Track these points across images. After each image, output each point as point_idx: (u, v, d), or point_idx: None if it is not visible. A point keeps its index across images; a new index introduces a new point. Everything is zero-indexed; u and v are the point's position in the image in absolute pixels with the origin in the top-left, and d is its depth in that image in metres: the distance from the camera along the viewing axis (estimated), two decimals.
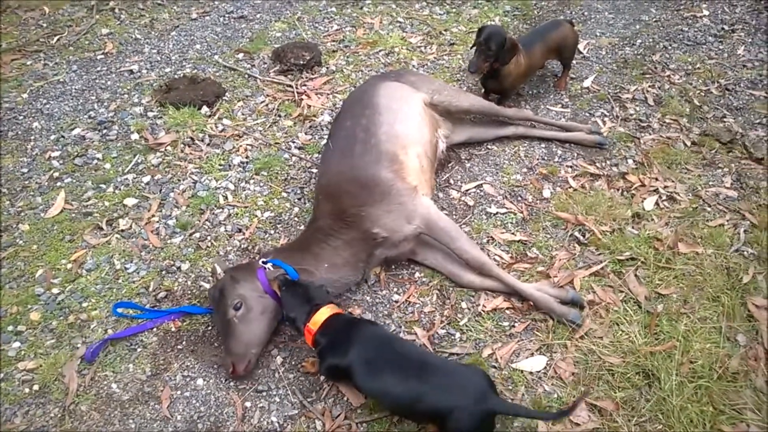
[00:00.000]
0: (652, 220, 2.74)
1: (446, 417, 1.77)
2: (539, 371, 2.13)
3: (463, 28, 4.26)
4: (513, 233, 2.70)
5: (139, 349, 2.22)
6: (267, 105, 3.50)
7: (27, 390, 2.08)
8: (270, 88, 3.64)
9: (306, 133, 3.30)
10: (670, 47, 4.08)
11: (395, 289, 2.47)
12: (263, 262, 2.18)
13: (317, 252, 2.31)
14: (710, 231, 2.68)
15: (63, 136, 3.19)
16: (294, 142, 3.23)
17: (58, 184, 2.91)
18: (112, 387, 2.10)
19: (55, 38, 4.07)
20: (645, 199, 2.87)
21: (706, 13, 4.49)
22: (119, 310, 2.32)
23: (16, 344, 2.22)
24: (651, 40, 4.17)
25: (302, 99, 3.52)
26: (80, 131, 3.23)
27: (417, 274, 2.53)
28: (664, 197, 2.88)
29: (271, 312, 2.15)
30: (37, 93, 3.53)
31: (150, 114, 3.36)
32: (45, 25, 4.22)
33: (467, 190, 2.94)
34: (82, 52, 3.95)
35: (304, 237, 2.43)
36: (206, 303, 2.36)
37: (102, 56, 3.92)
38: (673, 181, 2.96)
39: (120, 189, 2.90)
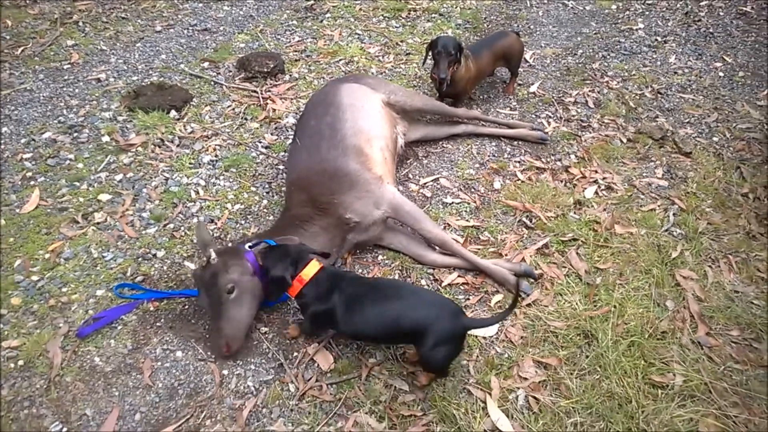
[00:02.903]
0: (592, 206, 3.02)
1: (425, 330, 1.96)
2: (492, 336, 2.34)
3: (418, 40, 4.54)
4: (467, 220, 2.93)
5: (119, 327, 2.33)
6: (234, 109, 3.67)
7: (12, 365, 2.17)
8: (236, 93, 3.81)
9: (272, 134, 3.48)
10: (608, 56, 4.45)
11: (360, 271, 2.65)
12: (249, 246, 2.30)
13: (295, 236, 2.46)
14: (643, 215, 2.97)
15: (34, 140, 3.28)
16: (261, 142, 3.41)
17: (32, 183, 3.00)
18: (95, 360, 2.21)
19: (20, 49, 4.14)
20: (586, 188, 3.15)
21: (641, 26, 4.92)
22: (119, 290, 2.44)
23: None
24: (591, 50, 4.54)
25: (267, 103, 3.71)
26: (51, 135, 3.32)
27: (380, 257, 2.73)
28: (602, 187, 3.16)
29: (258, 293, 2.28)
30: (4, 100, 3.60)
31: (119, 118, 3.48)
32: (8, 37, 4.29)
33: (425, 184, 3.16)
34: (48, 62, 4.04)
35: (281, 224, 2.57)
36: (182, 286, 2.50)
37: (68, 66, 4.02)
38: (610, 173, 3.26)
39: (94, 186, 3.01)
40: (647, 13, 5.15)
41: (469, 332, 2.13)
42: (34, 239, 2.69)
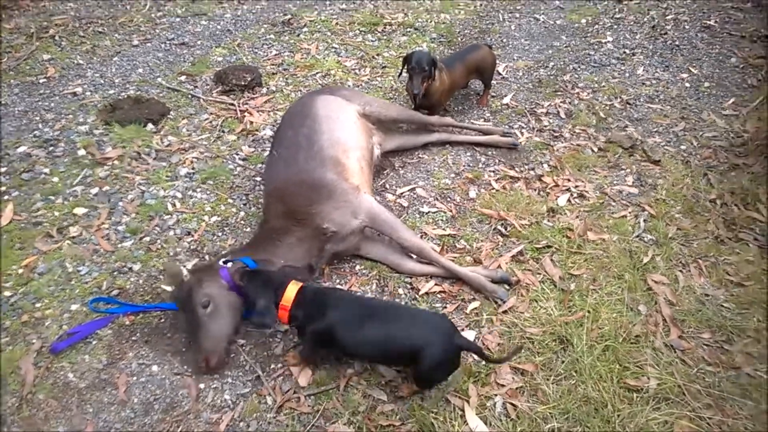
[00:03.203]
0: (565, 214, 3.08)
1: (420, 352, 1.98)
2: None
3: (393, 53, 4.61)
4: (443, 228, 2.96)
5: (94, 342, 2.30)
6: (211, 122, 3.67)
7: None
8: (213, 106, 3.82)
9: (249, 146, 3.49)
10: (578, 68, 4.57)
11: (338, 281, 2.66)
12: (224, 262, 2.31)
13: (272, 250, 2.45)
14: (615, 221, 3.04)
15: (8, 154, 3.23)
16: (238, 154, 3.41)
17: (6, 197, 2.95)
18: (68, 376, 2.18)
19: None
20: (558, 197, 3.21)
21: (610, 39, 5.06)
22: (94, 305, 2.42)
23: None
24: (562, 62, 4.65)
25: (245, 116, 3.72)
26: (26, 149, 3.28)
27: (357, 267, 2.74)
28: (575, 195, 3.23)
29: (237, 307, 2.28)
30: None
31: (96, 132, 3.46)
32: None
33: (402, 193, 3.20)
34: (24, 77, 4.00)
35: (258, 237, 2.57)
36: (157, 299, 2.48)
37: (44, 80, 3.99)
38: (582, 181, 3.33)
39: (69, 200, 2.97)
40: (615, 27, 5.30)
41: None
42: (8, 254, 2.64)
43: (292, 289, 2.12)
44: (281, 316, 2.11)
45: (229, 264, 2.31)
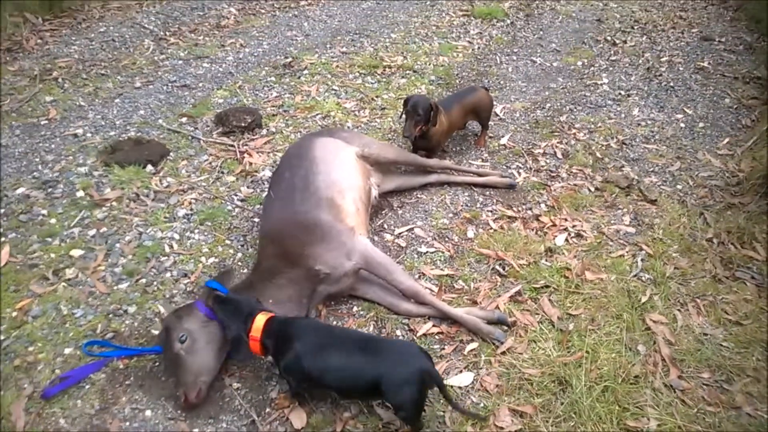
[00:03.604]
0: (563, 253, 3.08)
1: (380, 380, 1.96)
2: (467, 385, 2.33)
3: (392, 95, 4.70)
4: (441, 269, 2.96)
5: (87, 386, 2.27)
6: (210, 163, 3.71)
7: None
8: (213, 148, 3.87)
9: (248, 187, 3.52)
10: (575, 110, 4.65)
11: (335, 323, 2.64)
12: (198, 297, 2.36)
13: (261, 289, 2.46)
14: (612, 261, 3.04)
15: (6, 195, 3.26)
16: (237, 195, 3.44)
17: (2, 239, 2.96)
18: (60, 422, 2.14)
19: None
20: (556, 236, 3.22)
21: (605, 81, 5.16)
22: (88, 348, 2.41)
23: None
24: (559, 104, 4.73)
25: (244, 157, 3.76)
26: (24, 190, 3.31)
27: (355, 308, 2.72)
28: (572, 234, 3.24)
29: (217, 341, 2.28)
30: None
31: (95, 173, 3.49)
32: None
33: (400, 234, 3.20)
34: (25, 118, 4.07)
35: (249, 278, 2.58)
36: (152, 343, 2.46)
37: (45, 121, 4.05)
38: (580, 221, 3.34)
39: (66, 242, 2.98)
40: (611, 68, 5.42)
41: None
42: (2, 297, 2.63)
43: (260, 320, 2.15)
44: (253, 347, 2.14)
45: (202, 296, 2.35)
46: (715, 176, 3.78)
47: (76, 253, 2.91)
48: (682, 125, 4.42)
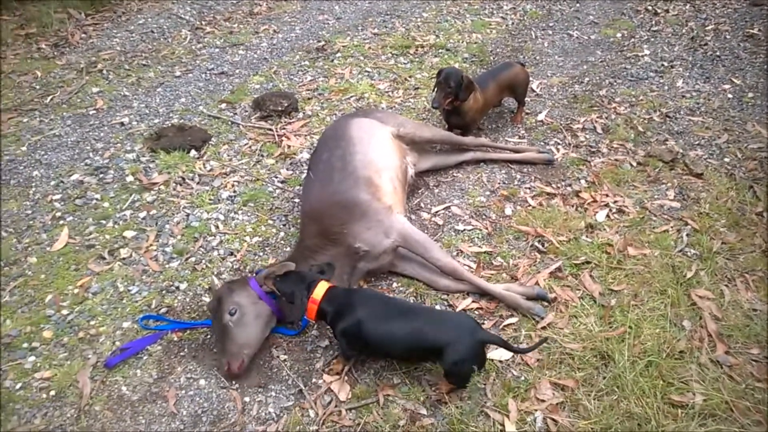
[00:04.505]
0: (604, 229, 3.04)
1: (444, 348, 2.08)
2: (507, 360, 2.36)
3: (426, 75, 4.68)
4: (479, 246, 2.97)
5: (145, 357, 2.41)
6: (250, 147, 3.80)
7: (44, 396, 2.26)
8: (252, 132, 3.96)
9: (287, 169, 3.59)
10: (615, 83, 4.53)
11: None
12: (255, 274, 2.43)
13: (303, 267, 2.54)
14: (656, 236, 2.98)
15: (62, 182, 3.43)
16: (277, 177, 3.52)
17: (61, 222, 3.13)
18: (122, 389, 2.29)
19: (49, 98, 4.36)
20: (597, 212, 3.18)
21: (647, 52, 5.00)
22: (144, 322, 2.55)
23: (32, 358, 2.41)
24: (597, 77, 4.63)
25: (282, 140, 3.84)
26: (78, 176, 3.47)
27: (394, 284, 2.77)
28: (614, 210, 3.19)
29: (264, 318, 2.38)
30: (35, 146, 3.79)
31: (143, 159, 3.64)
32: (38, 87, 4.52)
33: (437, 212, 3.23)
34: (75, 109, 4.23)
35: (292, 256, 2.66)
36: (204, 317, 2.57)
37: (93, 112, 4.21)
38: (621, 197, 3.28)
39: (119, 224, 3.13)
40: (653, 39, 5.24)
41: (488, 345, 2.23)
42: (64, 275, 2.80)
43: (322, 286, 2.25)
44: (310, 310, 2.23)
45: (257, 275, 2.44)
46: (765, 148, 3.65)
47: (128, 234, 3.06)
48: (730, 96, 4.27)
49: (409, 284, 2.75)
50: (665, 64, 4.79)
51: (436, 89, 3.44)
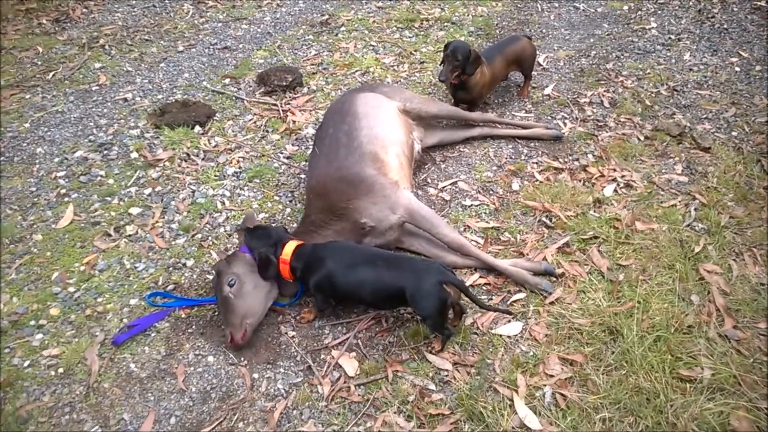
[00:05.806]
0: (612, 204, 3.03)
1: (405, 291, 2.17)
2: (516, 335, 2.37)
3: (431, 48, 4.61)
4: (487, 221, 2.96)
5: (153, 334, 2.42)
6: (255, 122, 3.77)
7: (53, 373, 2.27)
8: (256, 107, 3.92)
9: (293, 145, 3.57)
10: (622, 56, 4.47)
11: None
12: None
13: (309, 242, 2.53)
14: (664, 211, 2.97)
15: (66, 158, 3.41)
16: (282, 153, 3.50)
17: (66, 199, 3.12)
18: (130, 366, 2.30)
19: (51, 74, 4.31)
20: (604, 187, 3.16)
21: (654, 25, 4.92)
22: (152, 299, 2.56)
23: (39, 336, 2.42)
24: (604, 51, 4.56)
25: (287, 116, 3.80)
26: (82, 153, 3.45)
27: None
28: (621, 185, 3.17)
29: (264, 286, 2.40)
30: (38, 122, 3.75)
31: (147, 135, 3.61)
32: (40, 63, 4.46)
33: (443, 187, 3.21)
34: (78, 85, 4.19)
35: (298, 230, 2.66)
36: (211, 293, 2.57)
37: (96, 87, 4.16)
38: (629, 171, 3.26)
39: (124, 200, 3.12)
40: (659, 12, 5.15)
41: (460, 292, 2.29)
42: (70, 253, 2.80)
43: (290, 245, 2.33)
44: (283, 270, 2.31)
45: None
46: None
47: (134, 210, 3.05)
48: (737, 69, 4.21)
49: None
50: (672, 37, 4.72)
51: (443, 63, 3.39)
